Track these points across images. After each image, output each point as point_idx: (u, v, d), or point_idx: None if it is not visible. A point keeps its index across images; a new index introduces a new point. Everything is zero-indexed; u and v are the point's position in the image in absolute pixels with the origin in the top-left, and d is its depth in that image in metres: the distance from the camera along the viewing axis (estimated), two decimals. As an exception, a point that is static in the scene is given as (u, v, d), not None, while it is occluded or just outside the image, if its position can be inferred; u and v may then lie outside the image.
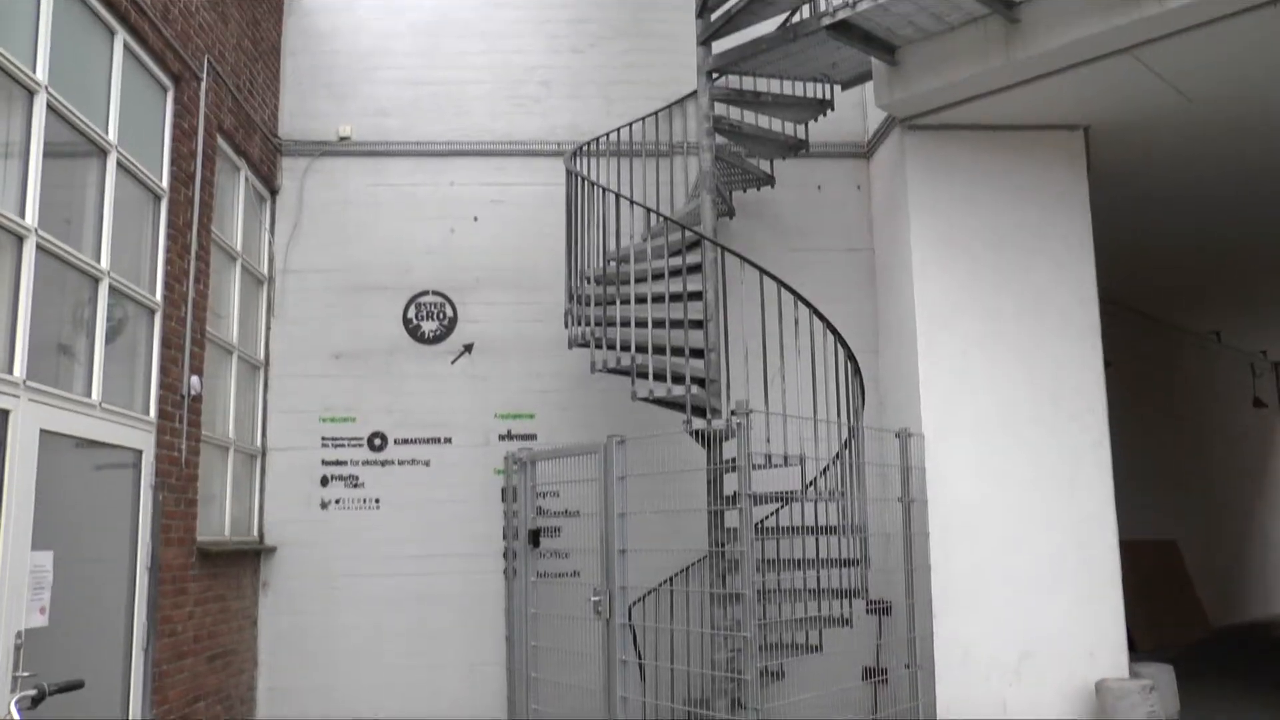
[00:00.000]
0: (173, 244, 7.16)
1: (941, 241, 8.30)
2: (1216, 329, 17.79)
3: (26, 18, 5.62)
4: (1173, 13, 6.49)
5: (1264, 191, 10.08)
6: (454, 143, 9.58)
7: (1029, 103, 7.85)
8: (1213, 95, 7.69)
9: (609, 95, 9.68)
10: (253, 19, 8.94)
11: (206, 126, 7.74)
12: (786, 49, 7.90)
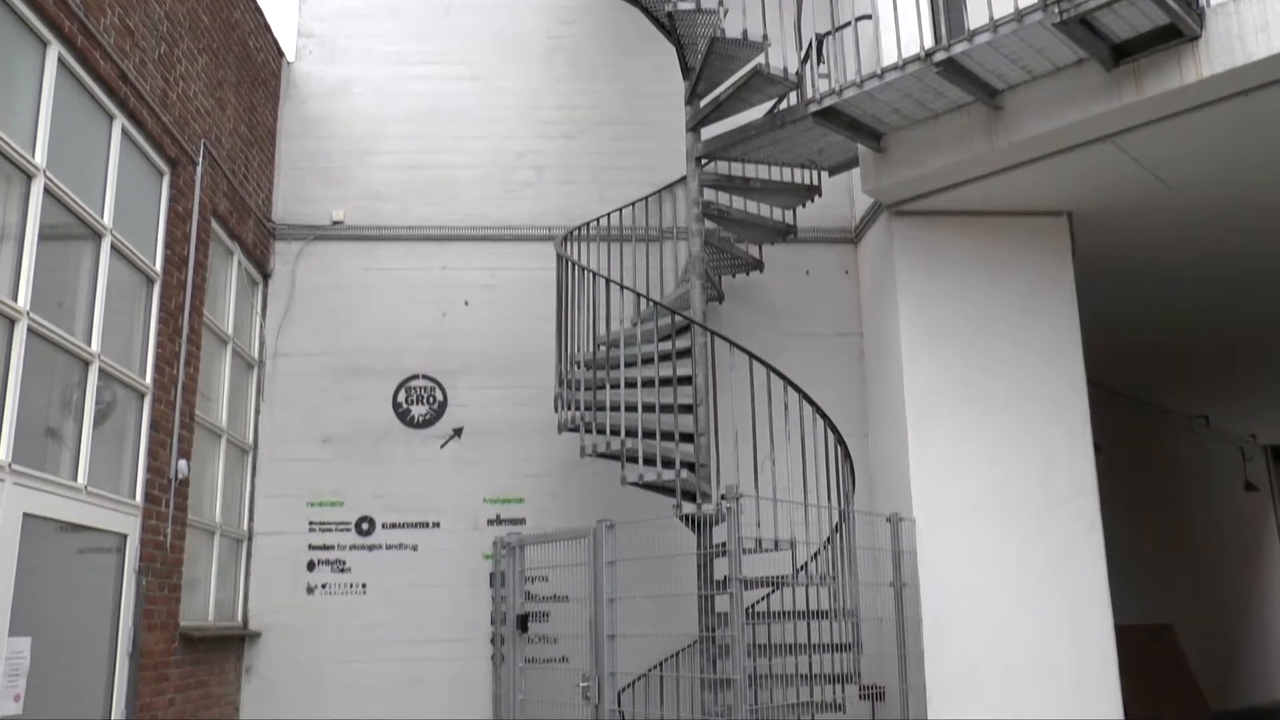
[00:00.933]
0: (164, 327, 7.18)
1: (930, 326, 8.36)
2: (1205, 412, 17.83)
3: (28, 102, 5.71)
4: (1149, 101, 6.63)
5: (1245, 276, 10.19)
6: (446, 227, 9.68)
7: (1013, 189, 7.96)
8: (1191, 181, 7.81)
9: (600, 180, 9.81)
10: (250, 104, 9.08)
11: (201, 211, 7.82)
12: (774, 135, 8.04)
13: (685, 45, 8.38)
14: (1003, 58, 6.78)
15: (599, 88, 10.12)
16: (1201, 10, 6.39)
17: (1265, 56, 6.15)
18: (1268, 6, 6.15)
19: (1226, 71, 6.29)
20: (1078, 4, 6.15)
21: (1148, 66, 6.60)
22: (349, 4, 10.18)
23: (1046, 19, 6.27)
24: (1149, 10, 6.18)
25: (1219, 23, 6.33)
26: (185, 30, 7.70)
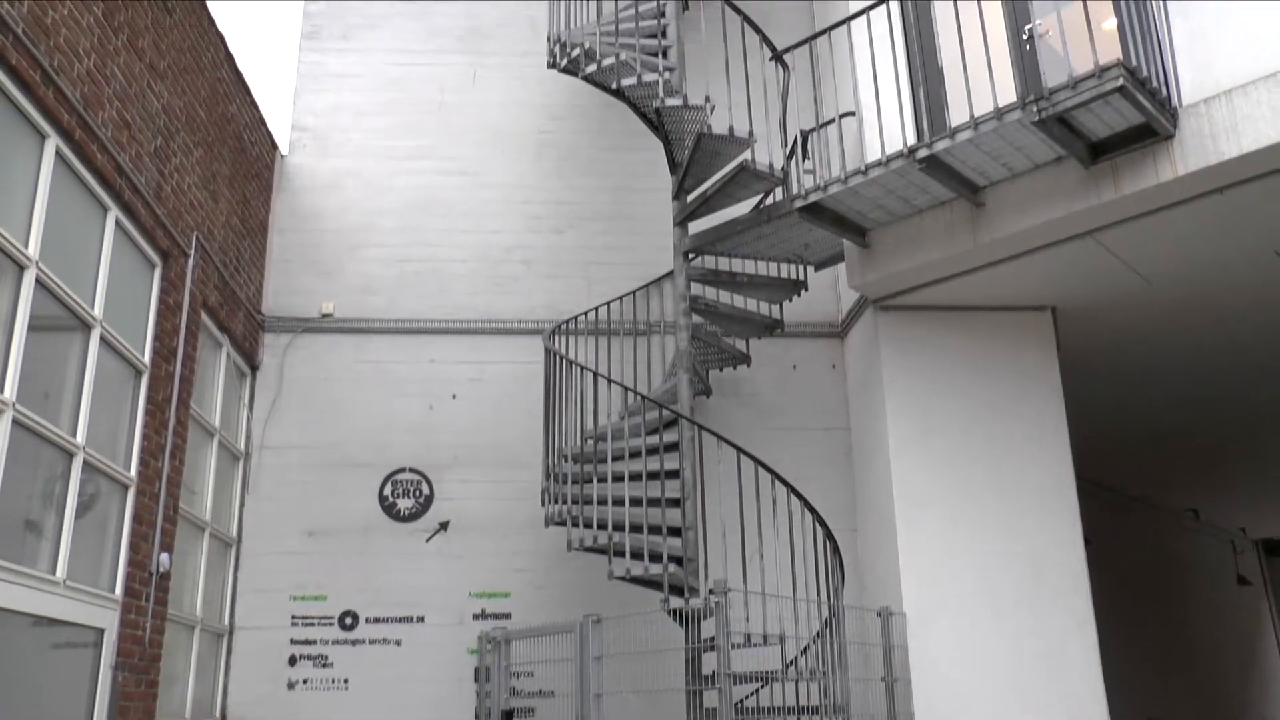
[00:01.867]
0: (151, 419, 7.16)
1: (917, 420, 8.38)
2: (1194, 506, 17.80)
3: (24, 194, 5.77)
4: (1127, 198, 6.75)
5: (1226, 370, 10.27)
6: (435, 320, 9.72)
7: (997, 284, 8.05)
8: (1171, 277, 7.92)
9: (588, 275, 9.90)
10: (243, 197, 9.18)
11: (191, 303, 7.85)
12: (760, 230, 8.14)
13: (673, 141, 8.53)
14: (984, 155, 6.92)
15: (588, 183, 10.27)
16: (1174, 110, 6.55)
17: (1236, 156, 6.28)
18: (1236, 108, 6.31)
19: (1200, 170, 6.42)
20: (1055, 103, 6.31)
21: (1125, 164, 6.74)
22: (343, 99, 10.36)
23: (1025, 117, 6.41)
24: (1124, 110, 6.33)
25: (1191, 123, 6.49)
26: (182, 124, 7.83)
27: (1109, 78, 6.10)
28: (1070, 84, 6.26)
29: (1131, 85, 6.13)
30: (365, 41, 10.58)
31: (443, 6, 10.75)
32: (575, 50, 8.65)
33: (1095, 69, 6.15)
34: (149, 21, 7.30)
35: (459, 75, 10.54)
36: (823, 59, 8.06)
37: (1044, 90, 6.36)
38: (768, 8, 10.07)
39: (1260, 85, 6.25)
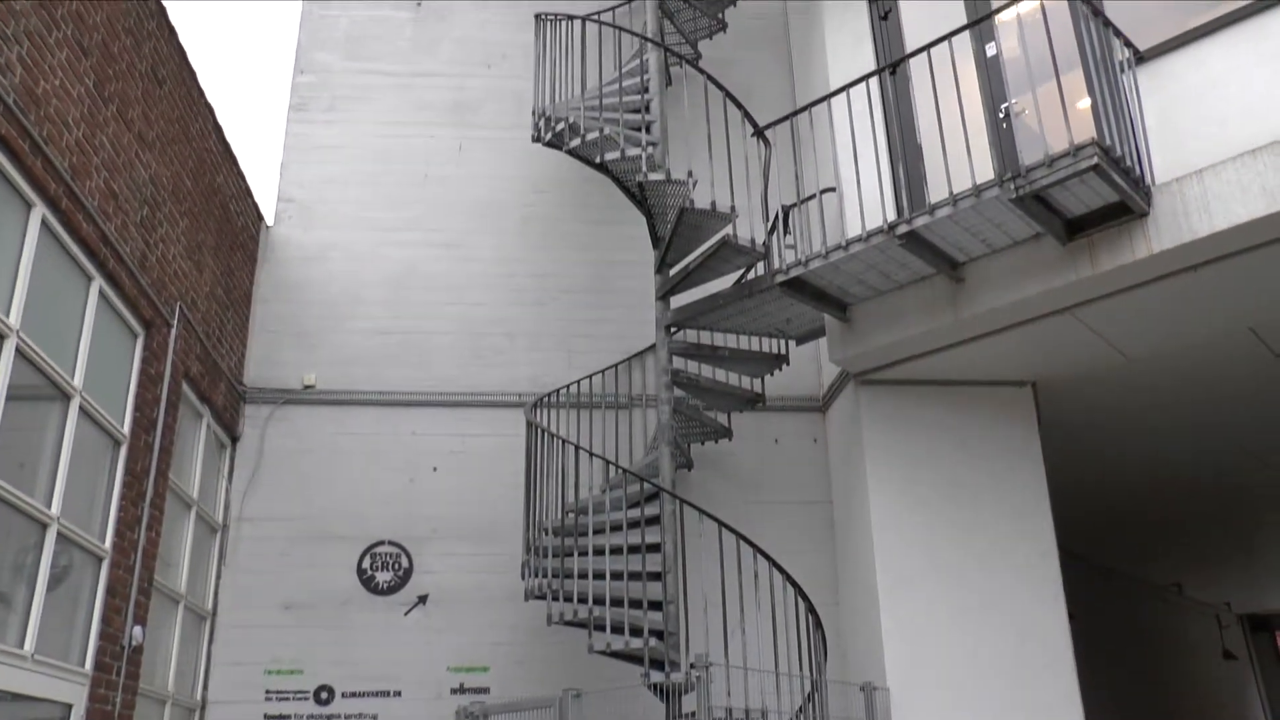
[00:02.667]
0: (128, 491, 7.10)
1: (899, 494, 8.36)
2: (1178, 580, 17.77)
3: (7, 262, 5.78)
4: (1104, 275, 6.82)
5: (1208, 445, 10.33)
6: (417, 393, 9.71)
7: (978, 359, 8.10)
8: (1149, 353, 7.99)
9: (570, 348, 9.92)
10: (227, 268, 9.20)
11: (173, 373, 7.83)
12: (742, 305, 8.19)
13: (655, 215, 8.62)
14: (963, 231, 7.00)
15: (571, 256, 10.34)
16: (1148, 189, 6.66)
17: (1209, 234, 6.37)
18: (1208, 187, 6.42)
19: (1175, 247, 6.51)
20: (1032, 181, 6.41)
21: (1101, 241, 6.83)
22: (329, 170, 10.44)
23: (1003, 195, 6.51)
24: (1099, 188, 6.43)
25: (1165, 201, 6.59)
26: (168, 194, 7.87)
27: (1084, 156, 6.20)
28: (1046, 162, 6.36)
29: (1106, 163, 6.23)
30: (352, 113, 10.69)
31: (429, 80, 10.90)
32: (560, 124, 8.77)
33: (1070, 147, 6.26)
34: (139, 93, 7.38)
35: (445, 148, 10.65)
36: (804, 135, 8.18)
37: (1021, 168, 6.47)
38: (749, 83, 10.27)
39: (1230, 165, 6.37)
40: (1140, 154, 6.81)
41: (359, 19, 11.09)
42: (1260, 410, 9.44)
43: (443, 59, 11.02)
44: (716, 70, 9.08)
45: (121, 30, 7.12)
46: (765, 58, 11.19)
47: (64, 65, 6.25)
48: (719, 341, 8.94)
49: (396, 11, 11.17)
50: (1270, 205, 6.18)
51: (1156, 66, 7.07)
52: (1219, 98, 6.68)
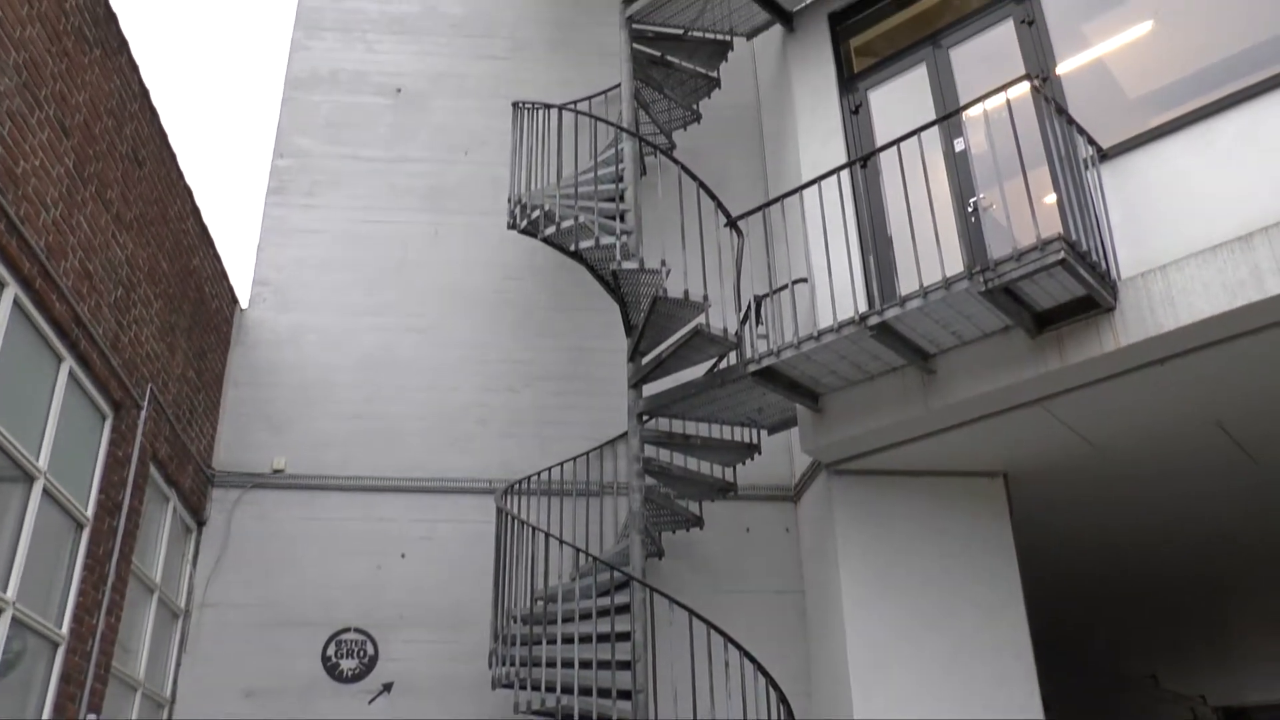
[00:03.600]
0: (89, 574, 6.98)
1: (872, 585, 8.32)
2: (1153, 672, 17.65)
3: (-28, 345, 5.74)
4: (1073, 368, 6.91)
5: (1179, 536, 10.36)
6: (387, 478, 9.64)
7: (949, 449, 8.13)
8: (1119, 445, 8.04)
9: (542, 435, 9.89)
10: (200, 349, 9.17)
11: (141, 456, 7.75)
12: (714, 394, 8.21)
13: (629, 303, 8.67)
14: (933, 323, 7.08)
15: (545, 342, 10.37)
16: (1114, 283, 6.78)
17: (1174, 328, 6.48)
18: (1172, 282, 6.55)
19: (1141, 341, 6.61)
20: (1001, 274, 6.51)
21: (1069, 334, 6.92)
22: (305, 254, 10.48)
23: (973, 287, 6.60)
24: (1066, 282, 6.54)
25: (1130, 295, 6.70)
26: (144, 275, 7.87)
27: (1051, 251, 6.31)
28: (1014, 256, 6.47)
29: (1072, 258, 6.35)
30: (330, 198, 10.78)
31: (407, 166, 11.02)
32: (535, 212, 8.86)
33: (1038, 242, 6.38)
34: (119, 174, 7.42)
35: (421, 232, 10.73)
36: (776, 225, 8.29)
37: (990, 261, 6.57)
38: (723, 173, 10.43)
39: (1192, 261, 6.50)
40: (1106, 249, 6.94)
41: (340, 105, 11.24)
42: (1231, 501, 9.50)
43: (421, 145, 11.15)
44: (690, 160, 9.22)
45: (104, 111, 7.18)
46: (739, 148, 11.38)
47: (45, 145, 6.29)
48: (691, 430, 8.94)
49: (377, 98, 11.33)
50: (1231, 301, 6.30)
51: (1119, 164, 7.26)
52: (1179, 195, 6.85)
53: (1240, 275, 6.32)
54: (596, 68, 11.31)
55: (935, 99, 8.55)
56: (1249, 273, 6.29)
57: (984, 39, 8.53)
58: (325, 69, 11.41)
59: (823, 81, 9.49)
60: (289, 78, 11.35)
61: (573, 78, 11.30)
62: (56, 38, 6.47)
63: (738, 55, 11.00)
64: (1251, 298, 6.26)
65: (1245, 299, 6.27)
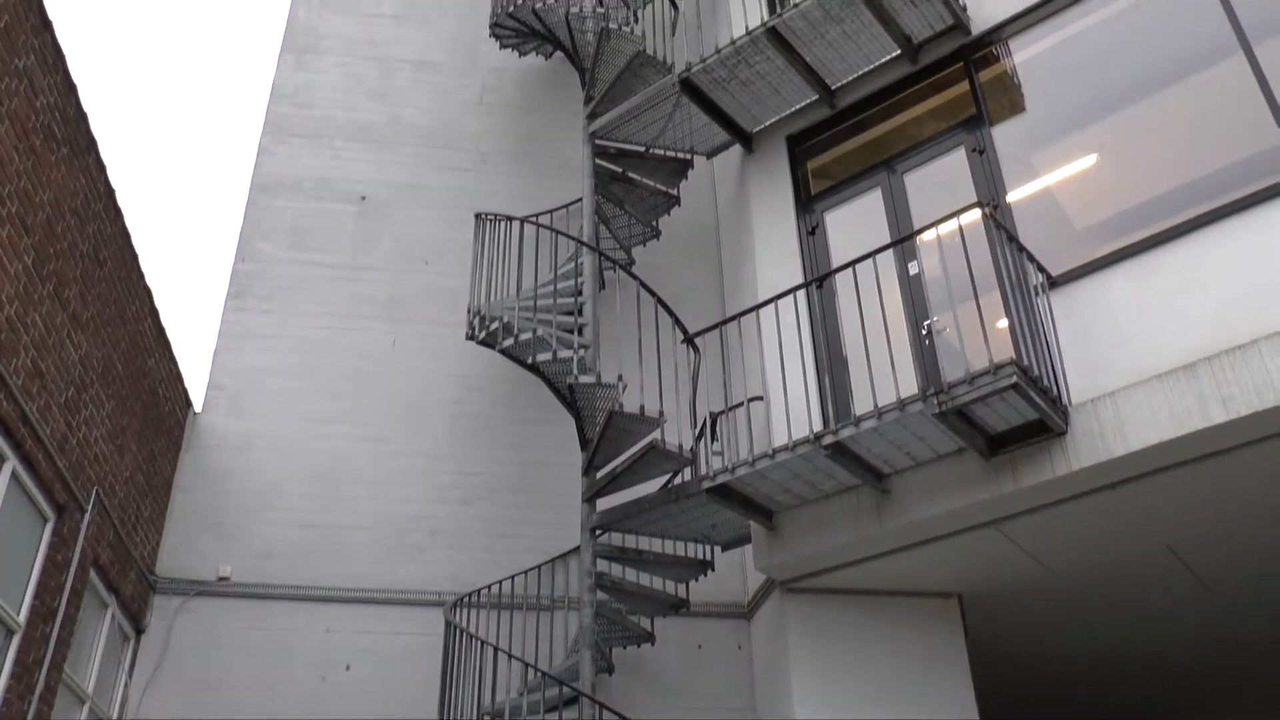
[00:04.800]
0: (16, 684, 6.74)
1: (825, 704, 8.18)
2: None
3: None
4: (1027, 491, 6.98)
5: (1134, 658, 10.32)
6: (335, 588, 9.44)
7: (904, 569, 8.12)
8: (1073, 568, 8.08)
9: (493, 548, 9.77)
10: (150, 453, 9.03)
11: (81, 560, 7.56)
12: (668, 510, 8.19)
13: (584, 417, 8.67)
14: (888, 443, 7.14)
15: (499, 454, 10.31)
16: (1065, 408, 6.89)
17: (1124, 454, 6.59)
18: (1120, 409, 6.67)
19: (1092, 466, 6.70)
20: (954, 397, 6.59)
21: (1023, 457, 7.00)
22: (262, 360, 10.42)
23: (927, 409, 6.67)
24: (1019, 406, 6.64)
25: (1082, 420, 6.81)
26: (97, 375, 7.78)
27: (1003, 375, 6.42)
28: (967, 379, 6.57)
29: (1024, 383, 6.45)
30: (289, 304, 10.76)
31: (368, 274, 11.05)
32: (494, 323, 8.90)
33: (990, 366, 6.48)
34: (79, 273, 7.39)
35: (379, 341, 10.72)
36: (733, 343, 8.38)
37: (943, 384, 6.66)
38: (681, 289, 10.55)
39: (1140, 388, 6.64)
40: (1057, 374, 7.07)
41: (304, 211, 11.31)
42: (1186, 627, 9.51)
43: (382, 254, 11.21)
44: (649, 276, 9.34)
45: (68, 210, 7.18)
46: (697, 265, 11.55)
47: (4, 242, 6.26)
48: (644, 545, 8.88)
49: (341, 205, 11.41)
50: (1178, 429, 6.42)
51: (1068, 291, 7.44)
52: (1125, 323, 7.03)
53: (1186, 404, 6.45)
54: (559, 182, 11.51)
55: (890, 222, 8.77)
56: (1195, 401, 6.43)
57: (937, 165, 8.80)
58: (291, 175, 11.51)
59: (780, 202, 9.71)
60: (254, 182, 11.43)
61: (535, 191, 11.48)
62: (25, 135, 6.51)
63: (698, 174, 11.23)
64: (1197, 425, 6.38)
65: (1191, 427, 6.40)
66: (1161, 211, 7.37)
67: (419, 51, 12.58)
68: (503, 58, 12.52)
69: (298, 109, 11.94)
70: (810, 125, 9.85)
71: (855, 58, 9.40)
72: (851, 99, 9.62)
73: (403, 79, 12.35)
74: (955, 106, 8.95)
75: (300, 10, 12.63)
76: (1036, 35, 8.71)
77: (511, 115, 12.34)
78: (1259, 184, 6.93)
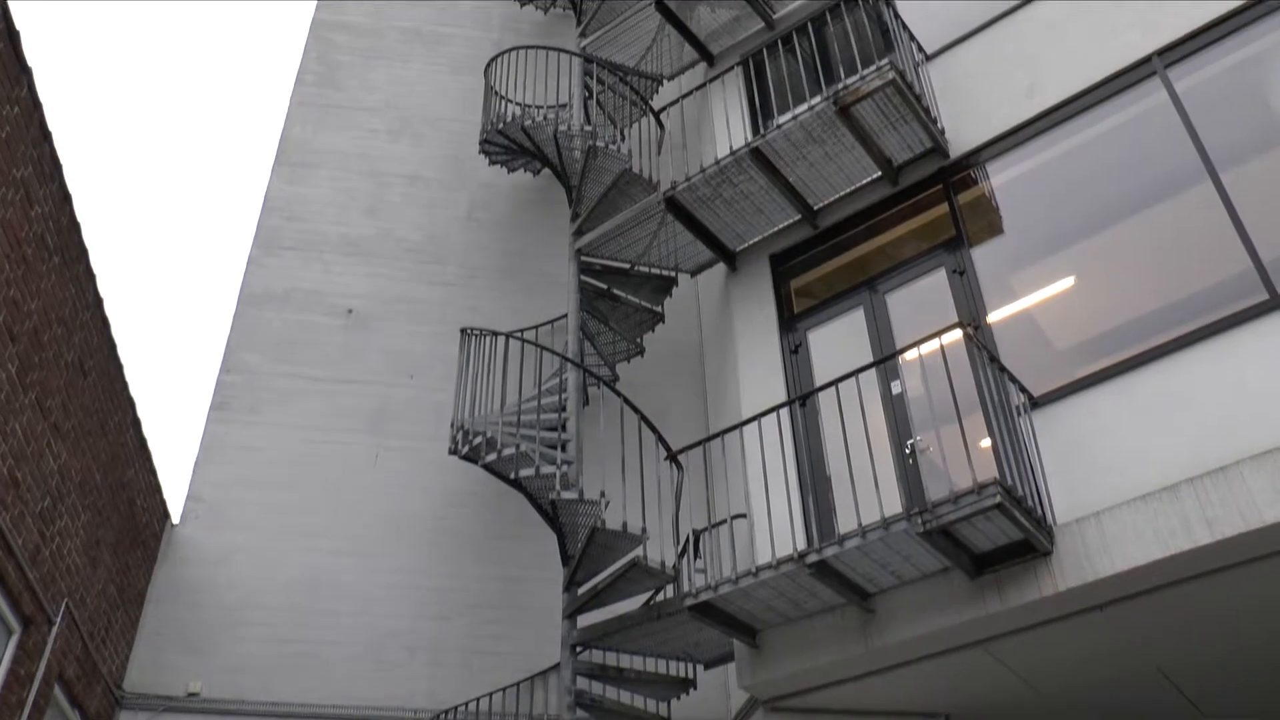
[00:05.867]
0: (-22, 803, 6.53)
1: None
2: None
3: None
4: (1013, 611, 6.91)
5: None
6: (310, 705, 9.24)
7: (889, 689, 7.98)
8: (1061, 689, 7.96)
9: (471, 664, 9.60)
10: (124, 565, 8.89)
11: (46, 675, 7.38)
12: (650, 627, 8.09)
13: (566, 533, 8.61)
14: (872, 562, 7.08)
15: (479, 570, 10.19)
16: (1050, 528, 6.87)
17: (1110, 575, 6.54)
18: (1106, 530, 6.66)
19: (1079, 586, 6.65)
20: (939, 516, 6.57)
21: (1008, 577, 6.95)
22: (243, 472, 10.34)
23: (911, 528, 6.65)
24: (1004, 526, 6.62)
25: (1067, 541, 6.79)
26: (75, 486, 7.71)
27: (987, 495, 6.41)
28: (952, 499, 6.56)
29: (1009, 502, 6.45)
30: (273, 416, 10.73)
31: (353, 387, 11.06)
32: (477, 438, 8.88)
33: (974, 485, 6.48)
34: (62, 382, 7.37)
35: (362, 455, 10.67)
36: (716, 460, 8.37)
37: (928, 503, 6.65)
38: (664, 406, 10.58)
39: (1125, 509, 6.63)
40: (1041, 494, 7.08)
41: (291, 323, 11.35)
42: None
43: (368, 367, 11.23)
44: (633, 392, 9.38)
45: (55, 320, 7.20)
46: (680, 382, 11.60)
47: (-13, 353, 6.26)
48: (625, 663, 8.74)
49: (328, 318, 11.47)
50: (1164, 549, 6.40)
51: (1050, 411, 7.48)
52: (1108, 444, 7.06)
53: (1171, 524, 6.44)
54: (545, 297, 11.62)
55: (872, 342, 8.84)
56: (1179, 522, 6.42)
57: (918, 286, 8.92)
58: (280, 287, 11.58)
59: (764, 320, 9.79)
60: (243, 294, 11.50)
61: (521, 306, 11.58)
62: (17, 244, 6.55)
63: (682, 291, 11.36)
64: (1182, 546, 6.36)
65: (1177, 548, 6.38)
66: (1139, 334, 7.46)
67: (411, 167, 12.80)
68: (492, 174, 12.74)
69: (289, 222, 12.09)
70: (793, 244, 10.00)
71: (837, 178, 9.59)
72: (834, 219, 9.79)
73: (394, 194, 12.54)
74: (935, 228, 9.12)
75: (295, 126, 12.87)
76: (1013, 159, 8.93)
77: (499, 230, 12.52)
78: (1232, 308, 7.05)
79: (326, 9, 14.05)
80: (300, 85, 13.21)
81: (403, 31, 13.99)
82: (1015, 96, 9.05)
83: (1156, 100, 8.23)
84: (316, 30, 13.80)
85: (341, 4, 14.12)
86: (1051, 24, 9.20)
